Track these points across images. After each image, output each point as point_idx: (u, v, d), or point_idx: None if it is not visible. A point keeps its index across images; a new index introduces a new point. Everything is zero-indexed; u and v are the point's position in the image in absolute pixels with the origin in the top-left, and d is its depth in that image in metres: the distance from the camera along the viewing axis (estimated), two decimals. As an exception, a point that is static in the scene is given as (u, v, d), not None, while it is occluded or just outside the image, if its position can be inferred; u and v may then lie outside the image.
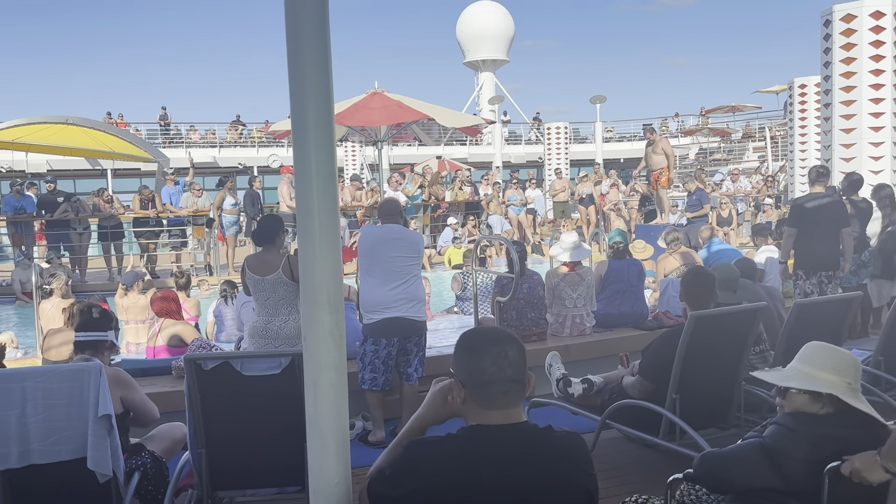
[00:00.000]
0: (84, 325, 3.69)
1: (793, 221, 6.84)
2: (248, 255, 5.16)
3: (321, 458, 1.97)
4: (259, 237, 5.01)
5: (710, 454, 2.61)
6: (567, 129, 26.40)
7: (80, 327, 3.71)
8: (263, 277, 4.74)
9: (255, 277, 4.78)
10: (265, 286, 4.74)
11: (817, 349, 2.51)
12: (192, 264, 14.31)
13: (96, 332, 3.63)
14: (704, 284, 4.10)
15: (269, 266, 4.74)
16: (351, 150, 26.71)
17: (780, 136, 26.71)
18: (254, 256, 4.99)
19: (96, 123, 15.72)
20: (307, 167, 1.95)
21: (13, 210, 13.61)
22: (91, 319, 3.71)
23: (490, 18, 38.82)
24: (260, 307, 4.86)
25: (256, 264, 4.83)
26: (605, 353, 6.01)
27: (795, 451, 2.32)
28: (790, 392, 2.45)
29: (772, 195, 18.75)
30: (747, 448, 2.44)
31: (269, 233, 4.93)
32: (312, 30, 1.92)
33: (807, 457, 2.30)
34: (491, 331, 2.06)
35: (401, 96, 11.50)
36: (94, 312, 3.76)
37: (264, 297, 4.80)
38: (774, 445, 2.36)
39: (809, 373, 2.43)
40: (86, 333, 3.63)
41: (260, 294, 4.82)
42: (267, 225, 5.03)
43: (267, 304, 4.77)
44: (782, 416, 2.48)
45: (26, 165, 20.24)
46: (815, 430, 2.34)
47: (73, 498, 3.26)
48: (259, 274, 4.77)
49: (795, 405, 2.44)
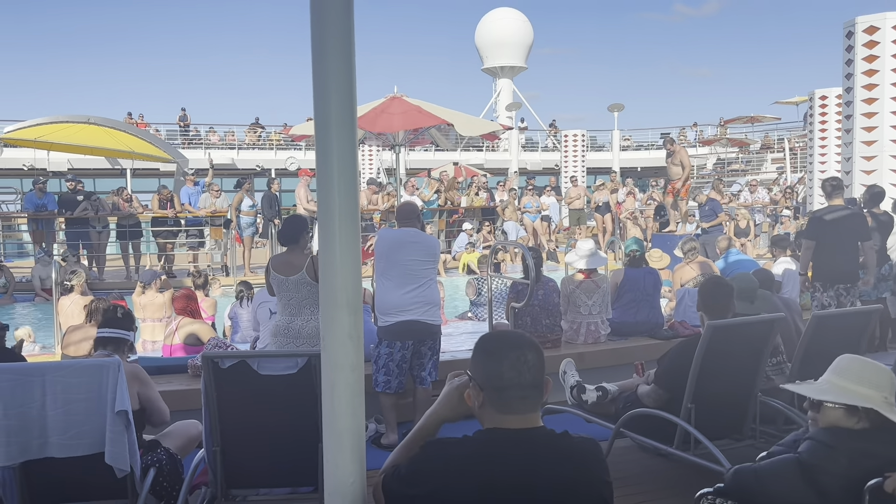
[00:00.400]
0: (108, 322, 3.74)
1: (811, 234, 6.79)
2: (272, 255, 5.18)
3: (337, 458, 1.98)
4: (284, 237, 5.02)
5: (744, 469, 2.56)
6: (584, 136, 26.37)
7: (103, 324, 3.76)
8: (287, 278, 4.76)
9: (280, 277, 4.80)
10: (289, 286, 4.76)
11: (852, 362, 2.46)
12: (208, 264, 14.42)
13: (120, 330, 3.68)
14: (722, 294, 4.08)
15: (293, 267, 4.75)
16: (368, 153, 26.79)
17: (800, 148, 26.55)
18: (278, 257, 5.01)
19: (117, 123, 15.89)
20: (329, 170, 1.96)
21: (35, 207, 13.76)
22: (115, 317, 3.76)
23: (509, 25, 38.80)
24: (283, 307, 4.88)
25: (281, 264, 4.85)
26: (619, 362, 5.98)
27: (833, 466, 2.28)
28: (825, 406, 2.39)
29: (790, 206, 18.63)
30: (783, 463, 2.40)
31: (294, 233, 4.94)
32: (337, 35, 1.94)
33: (845, 473, 2.26)
34: (510, 334, 2.06)
35: (419, 101, 11.53)
36: (119, 312, 3.82)
37: (287, 297, 4.82)
38: (811, 461, 2.32)
39: (846, 386, 2.38)
40: (110, 330, 3.68)
41: (283, 294, 4.84)
42: (291, 225, 5.03)
43: (290, 304, 4.80)
44: (817, 430, 2.42)
45: (48, 164, 20.43)
46: (853, 445, 2.30)
47: (89, 492, 3.30)
48: (283, 274, 4.79)
49: (830, 420, 2.38)
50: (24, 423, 3.11)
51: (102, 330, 3.72)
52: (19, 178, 27.75)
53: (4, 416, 3.09)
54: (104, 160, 24.57)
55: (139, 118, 30.03)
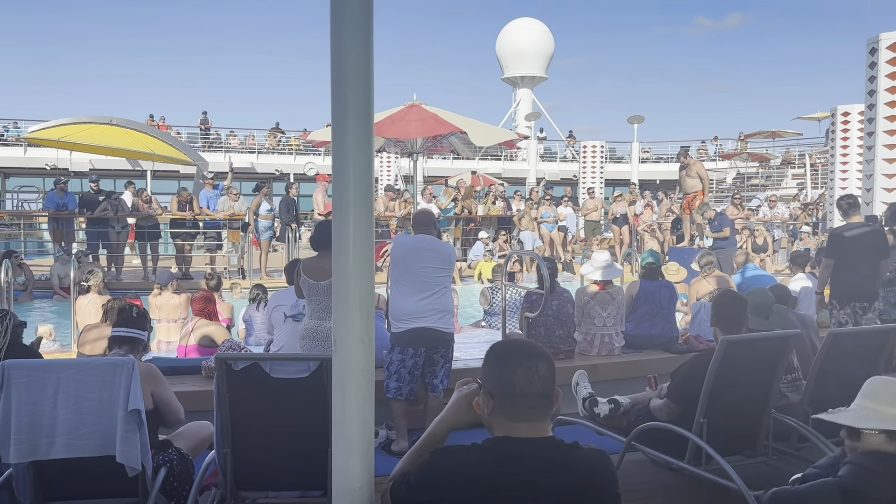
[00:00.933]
0: (123, 321, 3.77)
1: (831, 252, 6.74)
2: (303, 259, 5.23)
3: (346, 462, 1.99)
4: (316, 242, 5.05)
5: (783, 493, 2.54)
6: (603, 147, 26.33)
7: (118, 323, 3.78)
8: (318, 282, 4.79)
9: (310, 282, 4.84)
10: (319, 291, 4.79)
11: (885, 385, 2.43)
12: (225, 267, 14.51)
13: (135, 330, 3.71)
14: (736, 308, 4.06)
15: (324, 272, 4.76)
16: (387, 160, 26.89)
17: (821, 164, 26.34)
18: (309, 261, 5.04)
19: (139, 125, 16.07)
20: (345, 176, 1.98)
21: (56, 206, 13.93)
22: (131, 317, 3.79)
23: (530, 35, 38.88)
24: (312, 310, 4.93)
25: (311, 269, 4.88)
26: (633, 375, 5.95)
27: (876, 492, 2.25)
28: (864, 432, 2.37)
29: (809, 223, 18.49)
30: (824, 487, 2.36)
31: (326, 238, 4.95)
32: (356, 44, 1.96)
33: (889, 498, 2.23)
34: (522, 343, 2.07)
35: (437, 109, 11.55)
36: (134, 311, 3.84)
37: (317, 302, 4.85)
38: (853, 486, 2.29)
39: (884, 411, 2.35)
40: (125, 329, 3.70)
41: (313, 298, 4.88)
42: (324, 230, 5.04)
43: (319, 308, 4.83)
44: (858, 455, 2.40)
45: (70, 164, 20.68)
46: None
47: (101, 489, 3.32)
48: (314, 279, 4.82)
49: (871, 445, 2.35)
50: (35, 421, 3.14)
51: (117, 329, 3.75)
52: (42, 178, 28.12)
53: (17, 413, 3.12)
54: (125, 161, 24.83)
55: (161, 120, 30.32)
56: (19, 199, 25.75)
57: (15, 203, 26.35)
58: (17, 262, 11.84)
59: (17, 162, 27.91)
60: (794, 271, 8.83)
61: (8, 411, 3.12)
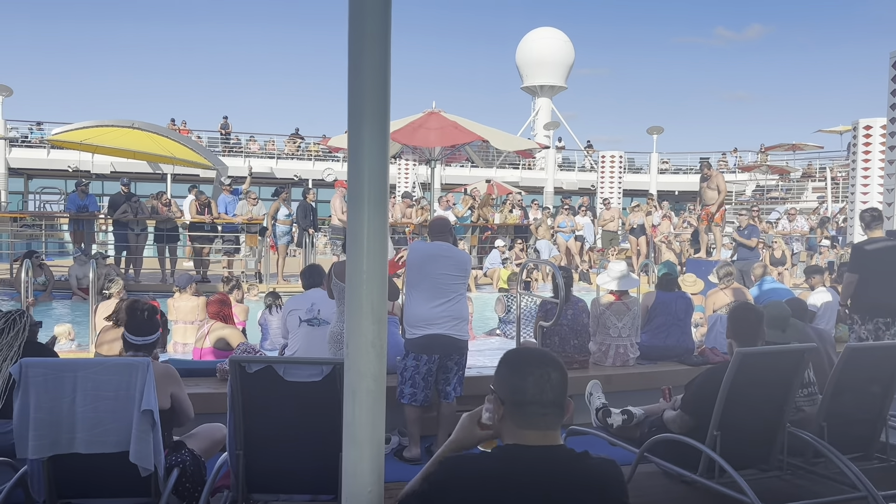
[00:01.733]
0: (134, 328, 3.75)
1: (853, 266, 6.65)
2: (334, 262, 5.34)
3: (356, 466, 2.00)
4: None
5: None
6: (622, 158, 26.27)
7: (129, 329, 3.78)
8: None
9: (341, 285, 4.93)
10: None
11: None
12: (242, 270, 14.59)
13: (146, 337, 3.71)
14: (752, 321, 4.02)
15: None
16: (404, 167, 26.97)
17: (842, 178, 26.11)
18: (340, 264, 5.14)
19: (160, 129, 16.19)
20: (360, 181, 2.00)
21: (77, 208, 14.09)
22: (141, 322, 3.74)
23: (551, 45, 38.89)
24: (340, 313, 5.05)
25: (342, 272, 4.96)
26: (647, 386, 5.92)
27: None
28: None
29: (828, 236, 18.33)
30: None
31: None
32: (373, 53, 1.98)
33: None
34: (536, 352, 2.07)
35: (457, 117, 11.57)
36: (145, 314, 3.78)
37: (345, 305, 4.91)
38: None
39: None
40: (135, 337, 3.71)
41: (343, 301, 4.94)
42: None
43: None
44: None
45: (91, 166, 20.92)
46: None
47: (114, 488, 3.35)
48: (344, 282, 4.88)
49: None
50: (54, 417, 3.18)
51: (129, 336, 3.74)
52: (64, 179, 28.45)
53: (36, 410, 3.17)
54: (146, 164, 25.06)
55: (182, 124, 30.58)
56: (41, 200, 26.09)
57: (37, 204, 26.70)
58: (38, 263, 11.98)
59: (40, 164, 28.25)
60: (814, 284, 8.76)
61: (26, 408, 3.17)
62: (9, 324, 3.95)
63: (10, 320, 3.96)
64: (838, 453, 3.90)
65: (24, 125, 30.46)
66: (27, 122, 30.57)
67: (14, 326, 3.95)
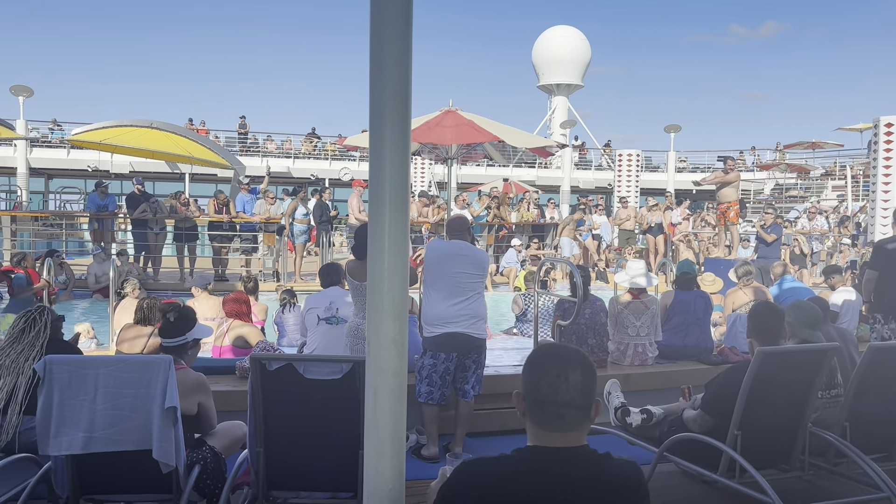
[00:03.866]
0: (164, 332, 3.80)
1: (874, 264, 6.58)
2: (348, 261, 5.49)
3: (377, 463, 2.00)
4: (357, 250, 5.36)
5: None
6: (639, 156, 26.13)
7: (161, 334, 3.83)
8: (361, 283, 5.00)
9: (355, 283, 5.14)
10: (362, 291, 5.01)
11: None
12: (260, 269, 14.66)
13: (175, 339, 3.75)
14: (773, 320, 3.99)
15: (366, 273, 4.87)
16: (421, 166, 26.99)
17: (862, 176, 25.83)
18: (351, 263, 5.38)
19: (178, 128, 16.30)
20: (381, 180, 2.00)
21: (97, 208, 14.24)
22: (168, 325, 3.80)
23: (567, 43, 38.77)
24: (357, 309, 5.25)
25: (355, 270, 5.18)
26: (666, 385, 5.89)
27: None
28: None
29: (848, 235, 18.16)
30: None
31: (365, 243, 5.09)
32: (394, 49, 1.98)
33: None
34: (560, 350, 2.00)
35: (473, 115, 11.56)
36: (171, 317, 3.82)
37: (361, 301, 5.14)
38: None
39: None
40: (166, 340, 3.75)
41: (358, 298, 5.20)
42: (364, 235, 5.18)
43: (363, 308, 5.02)
44: None
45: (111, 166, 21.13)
46: None
47: (136, 485, 3.38)
48: (357, 279, 5.11)
49: None
50: (75, 415, 3.20)
51: (165, 340, 3.80)
52: (83, 179, 28.73)
53: (59, 407, 3.20)
54: (164, 164, 25.26)
55: (200, 124, 30.76)
56: (62, 200, 26.35)
57: (58, 203, 26.97)
58: (59, 262, 12.09)
59: (60, 163, 28.54)
60: (835, 283, 8.67)
61: (49, 405, 3.20)
62: (29, 323, 3.98)
63: (31, 319, 3.99)
64: (861, 453, 3.86)
65: (45, 125, 30.80)
66: (47, 122, 30.91)
67: (35, 325, 3.97)
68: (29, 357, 3.86)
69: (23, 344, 3.92)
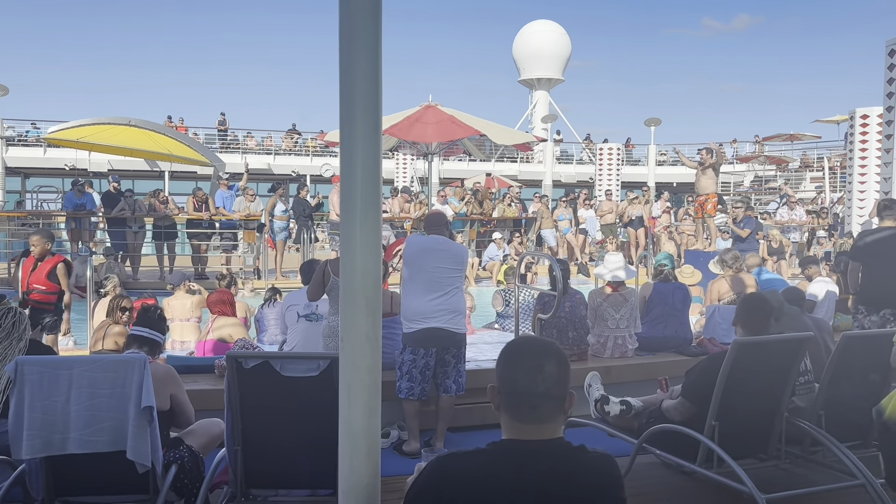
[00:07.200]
0: (145, 321, 3.78)
1: (856, 255, 6.59)
2: (330, 259, 5.44)
3: (352, 459, 2.00)
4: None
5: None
6: (619, 150, 26.24)
7: (140, 322, 3.80)
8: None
9: (335, 279, 5.07)
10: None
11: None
12: (241, 267, 14.58)
13: (155, 332, 3.73)
14: (762, 310, 4.03)
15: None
16: (402, 162, 26.94)
17: (839, 167, 26.09)
18: (335, 261, 5.28)
19: (157, 126, 16.14)
20: (353, 175, 1.99)
21: (74, 207, 14.09)
22: (153, 319, 3.79)
23: (547, 37, 38.81)
24: (333, 309, 5.19)
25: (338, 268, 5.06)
26: (646, 377, 5.91)
27: None
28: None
29: (825, 227, 18.34)
30: None
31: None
32: (364, 44, 1.98)
33: None
34: (535, 342, 2.01)
35: (454, 111, 11.55)
36: (156, 314, 3.86)
37: (337, 300, 5.04)
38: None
39: None
40: (147, 330, 3.72)
41: (334, 295, 5.12)
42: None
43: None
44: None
45: (88, 164, 20.89)
46: None
47: (112, 486, 3.35)
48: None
49: None
50: (48, 416, 3.17)
51: (139, 329, 3.76)
52: (61, 178, 28.43)
53: (30, 409, 3.16)
54: (143, 162, 25.05)
55: (179, 121, 30.53)
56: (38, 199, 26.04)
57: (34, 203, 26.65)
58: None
59: (37, 162, 28.24)
60: (811, 274, 8.74)
61: (21, 407, 3.16)
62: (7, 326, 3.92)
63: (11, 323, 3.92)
64: (836, 441, 3.91)
65: (21, 124, 30.44)
66: (23, 121, 30.56)
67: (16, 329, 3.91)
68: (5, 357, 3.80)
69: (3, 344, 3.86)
